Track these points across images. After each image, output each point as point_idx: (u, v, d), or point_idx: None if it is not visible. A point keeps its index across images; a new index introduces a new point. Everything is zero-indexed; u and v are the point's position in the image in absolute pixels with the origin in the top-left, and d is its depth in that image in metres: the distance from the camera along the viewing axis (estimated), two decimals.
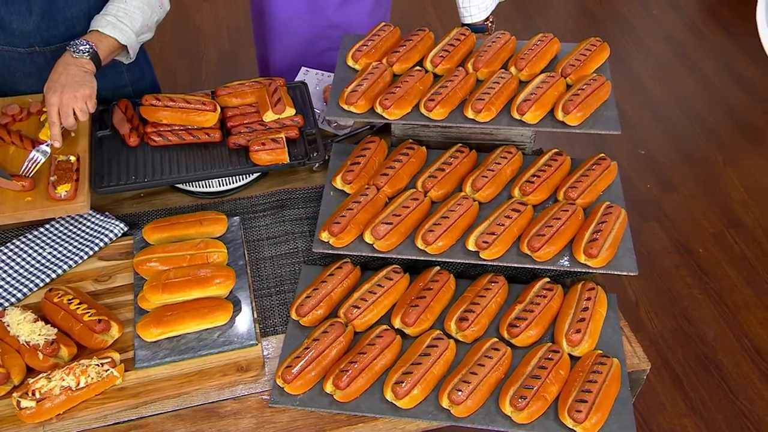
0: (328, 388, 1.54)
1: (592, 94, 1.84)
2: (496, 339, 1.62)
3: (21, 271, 1.77)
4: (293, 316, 1.68)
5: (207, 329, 1.64)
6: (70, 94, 1.78)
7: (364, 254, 1.74)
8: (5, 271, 1.77)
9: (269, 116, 2.02)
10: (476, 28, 2.25)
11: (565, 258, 1.70)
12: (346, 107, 1.86)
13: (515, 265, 1.70)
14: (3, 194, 1.83)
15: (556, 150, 1.93)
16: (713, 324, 3.14)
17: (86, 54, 1.84)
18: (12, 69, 2.05)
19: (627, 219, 1.75)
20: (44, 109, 2.01)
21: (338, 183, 1.88)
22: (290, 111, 2.03)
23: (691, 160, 3.95)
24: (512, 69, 1.94)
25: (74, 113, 1.80)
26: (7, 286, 1.73)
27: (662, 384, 2.91)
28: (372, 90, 1.87)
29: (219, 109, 2.03)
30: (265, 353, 1.66)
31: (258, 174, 2.03)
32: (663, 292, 3.26)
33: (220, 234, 1.85)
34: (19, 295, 1.72)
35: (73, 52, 1.83)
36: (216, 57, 4.62)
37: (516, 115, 1.83)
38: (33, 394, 1.47)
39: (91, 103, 1.82)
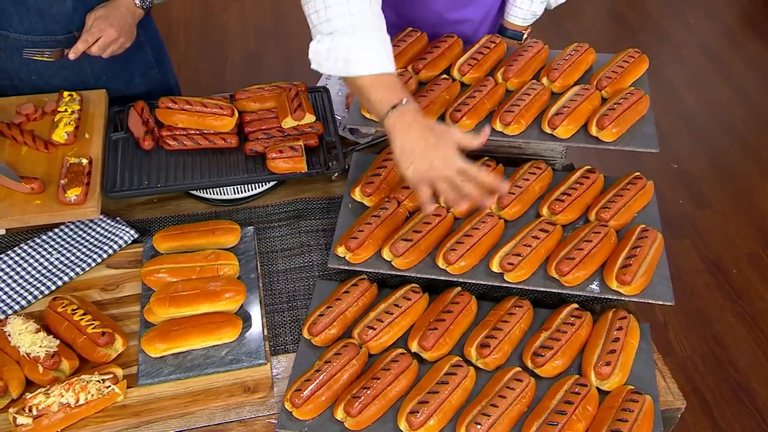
0: (339, 414, 1.46)
1: (629, 108, 1.74)
2: (519, 368, 1.52)
3: (27, 277, 1.71)
4: (305, 334, 1.60)
5: (214, 346, 1.57)
6: (116, 37, 1.91)
7: (381, 272, 1.65)
8: (11, 277, 1.71)
9: (288, 122, 1.94)
10: (512, 34, 2.14)
11: (596, 283, 1.60)
12: (368, 116, 1.78)
13: (541, 289, 1.60)
14: (12, 196, 1.78)
15: (589, 167, 1.82)
16: (747, 349, 2.99)
17: (147, 5, 1.97)
18: (49, 62, 2.01)
19: (664, 244, 1.64)
20: (59, 109, 1.97)
21: (357, 195, 1.79)
22: (310, 118, 1.95)
23: (726, 175, 3.80)
24: (544, 80, 1.84)
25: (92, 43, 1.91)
26: (12, 293, 1.68)
27: (691, 411, 2.78)
28: None
29: (237, 114, 1.96)
30: (274, 373, 1.58)
31: (274, 182, 1.95)
32: (693, 314, 3.13)
33: (233, 244, 1.77)
34: (23, 302, 1.66)
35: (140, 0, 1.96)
36: (241, 57, 4.57)
37: (547, 129, 1.73)
38: (30, 410, 1.40)
39: (119, 51, 1.96)
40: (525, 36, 2.15)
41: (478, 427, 1.39)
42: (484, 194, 1.43)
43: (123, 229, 1.82)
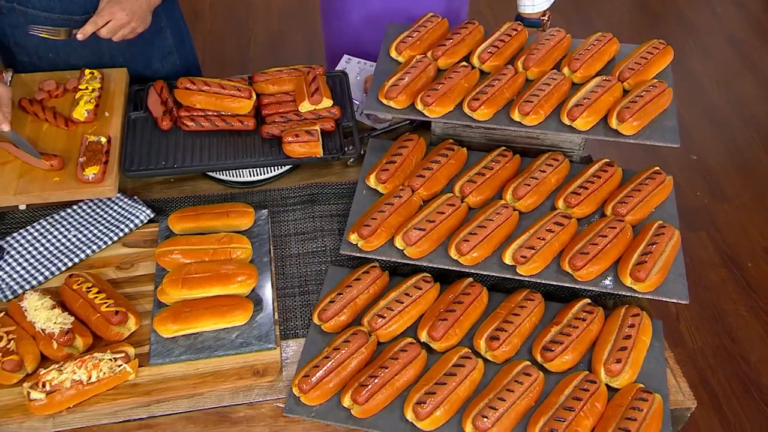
0: (346, 401, 1.47)
1: (651, 101, 1.71)
2: (528, 362, 1.52)
3: (45, 253, 1.74)
4: (315, 320, 1.61)
5: (225, 328, 1.58)
6: (127, 21, 1.85)
7: (393, 260, 1.65)
8: (29, 252, 1.74)
9: (305, 106, 1.93)
10: (531, 22, 2.11)
11: (609, 279, 1.58)
12: (385, 101, 1.77)
13: (554, 283, 1.59)
14: (32, 172, 1.80)
15: (607, 160, 1.80)
16: (759, 344, 2.97)
17: None
18: (67, 40, 2.00)
19: (681, 240, 1.62)
20: (80, 87, 1.97)
21: (372, 182, 1.79)
22: (327, 102, 1.94)
23: (746, 170, 3.75)
24: (565, 70, 1.81)
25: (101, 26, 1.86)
26: (30, 269, 1.70)
27: (699, 405, 2.76)
28: (414, 85, 1.77)
29: (254, 96, 1.95)
30: (283, 357, 1.59)
31: (290, 166, 1.95)
32: (706, 307, 3.11)
33: (247, 227, 1.78)
34: (40, 278, 1.68)
35: None
36: (265, 36, 4.55)
37: (566, 121, 1.71)
38: (43, 386, 1.42)
39: (131, 36, 1.90)
40: (545, 20, 2.12)
41: (485, 420, 1.40)
42: None
43: (140, 209, 1.83)
